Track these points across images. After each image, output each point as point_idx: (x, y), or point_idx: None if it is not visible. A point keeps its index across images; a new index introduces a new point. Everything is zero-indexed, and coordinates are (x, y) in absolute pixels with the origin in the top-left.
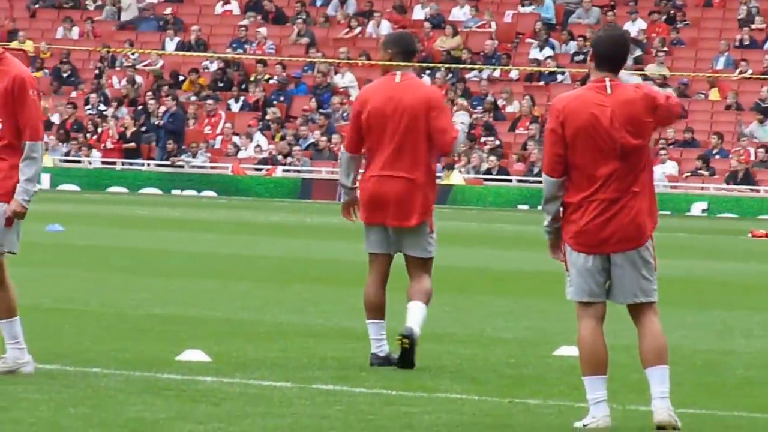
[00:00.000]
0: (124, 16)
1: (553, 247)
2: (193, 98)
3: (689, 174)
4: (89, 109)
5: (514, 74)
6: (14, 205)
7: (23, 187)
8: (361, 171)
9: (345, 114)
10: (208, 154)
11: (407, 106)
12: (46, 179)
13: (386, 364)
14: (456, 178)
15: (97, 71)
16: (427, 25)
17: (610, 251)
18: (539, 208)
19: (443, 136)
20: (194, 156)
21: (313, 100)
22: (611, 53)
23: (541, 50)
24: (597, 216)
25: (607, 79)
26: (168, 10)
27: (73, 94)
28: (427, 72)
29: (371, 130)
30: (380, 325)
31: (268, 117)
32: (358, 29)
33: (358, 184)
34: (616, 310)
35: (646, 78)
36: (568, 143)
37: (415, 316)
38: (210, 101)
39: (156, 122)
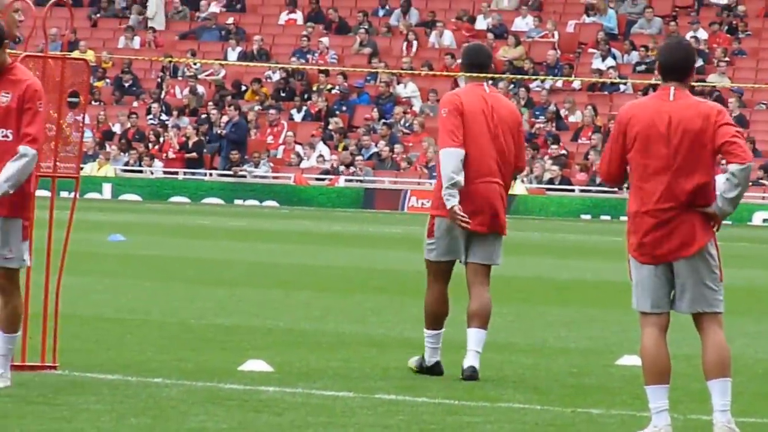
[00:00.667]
0: (153, 23)
1: None
2: (256, 108)
3: (751, 183)
4: (151, 119)
5: (576, 84)
6: None
7: None
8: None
9: (407, 124)
10: (271, 164)
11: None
12: (107, 189)
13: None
14: (519, 188)
15: (159, 80)
16: (490, 35)
17: (672, 259)
18: (602, 218)
19: None
20: (256, 166)
21: (375, 110)
22: (674, 63)
23: (603, 60)
24: (655, 227)
25: (672, 88)
26: (230, 20)
27: (135, 104)
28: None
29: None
30: (440, 335)
31: (330, 127)
32: (415, 42)
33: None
34: (678, 318)
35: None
36: (627, 150)
37: (473, 345)
38: (272, 111)
39: (218, 132)
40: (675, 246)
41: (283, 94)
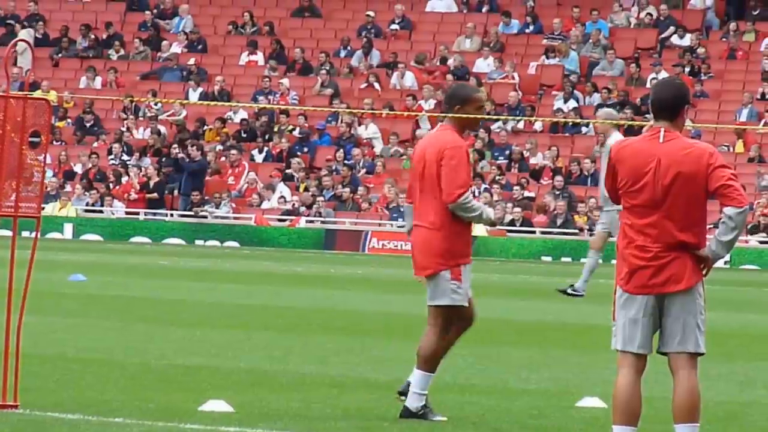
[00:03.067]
0: (21, 62)
1: None
2: (218, 148)
3: (712, 226)
4: (112, 159)
5: (538, 126)
6: None
7: None
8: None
9: (367, 165)
10: (232, 205)
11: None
12: (69, 229)
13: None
14: (479, 229)
15: (122, 121)
16: (449, 77)
17: (662, 291)
18: (563, 259)
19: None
20: (217, 206)
21: (339, 151)
22: (663, 101)
23: (565, 102)
24: (644, 265)
25: (662, 129)
26: (192, 60)
27: (96, 143)
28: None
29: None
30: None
31: (292, 167)
32: (376, 82)
33: None
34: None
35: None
36: (618, 186)
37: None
38: (234, 152)
39: (181, 168)
40: (662, 281)
41: (244, 135)
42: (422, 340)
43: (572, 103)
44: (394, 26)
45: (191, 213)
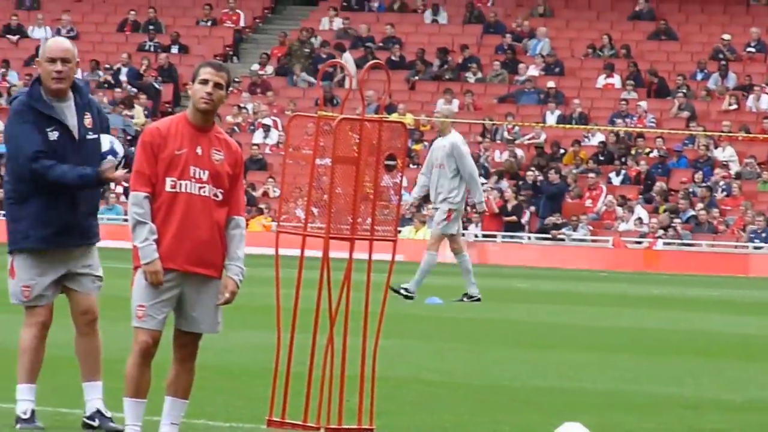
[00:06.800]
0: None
1: None
2: (575, 171)
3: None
4: None
5: None
6: None
7: None
8: None
9: (724, 187)
10: (589, 228)
11: None
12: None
13: None
14: None
15: (478, 144)
16: None
17: None
18: None
19: None
20: (575, 229)
21: (697, 173)
22: None
23: None
24: None
25: None
26: (549, 84)
27: None
28: None
29: None
30: None
31: (653, 190)
32: (733, 104)
33: None
34: None
35: None
36: None
37: None
38: (591, 174)
39: (539, 191)
40: None
41: (601, 158)
42: None
43: None
44: (750, 49)
45: (548, 236)
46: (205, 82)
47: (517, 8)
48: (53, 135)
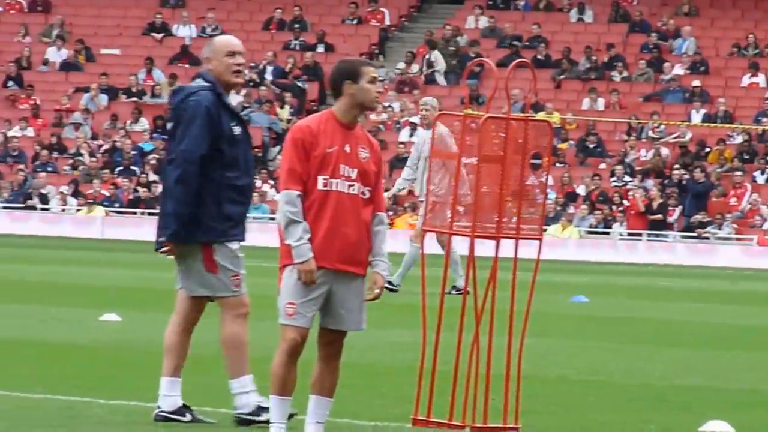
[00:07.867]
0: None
1: None
2: (719, 170)
3: None
4: (615, 181)
5: None
6: None
7: None
8: None
9: None
10: (734, 226)
11: None
12: (571, 249)
13: None
14: None
15: (624, 143)
16: None
17: None
18: None
19: None
20: (719, 228)
21: None
22: None
23: None
24: None
25: None
26: (695, 83)
27: (602, 165)
28: None
29: None
30: None
31: None
32: None
33: None
34: None
35: None
36: None
37: None
38: (737, 173)
39: (685, 190)
40: None
41: (746, 157)
42: None
43: None
44: None
45: (693, 234)
46: (374, 80)
47: (662, 7)
48: (237, 129)
